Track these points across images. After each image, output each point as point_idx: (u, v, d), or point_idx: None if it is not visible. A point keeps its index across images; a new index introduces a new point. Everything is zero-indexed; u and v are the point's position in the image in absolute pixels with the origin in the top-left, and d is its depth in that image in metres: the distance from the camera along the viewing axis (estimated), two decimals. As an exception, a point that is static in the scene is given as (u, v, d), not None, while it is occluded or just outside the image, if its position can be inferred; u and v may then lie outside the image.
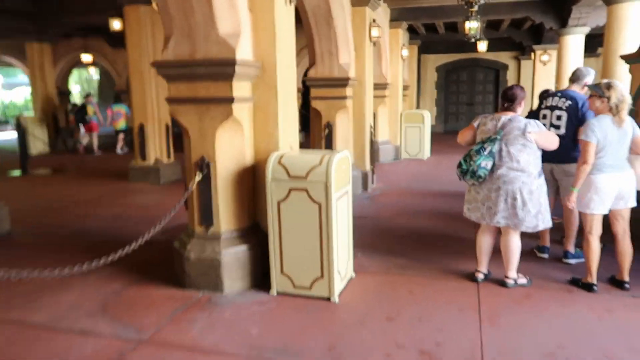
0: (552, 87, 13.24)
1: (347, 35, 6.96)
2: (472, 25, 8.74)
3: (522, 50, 16.60)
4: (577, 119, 4.09)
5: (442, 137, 15.71)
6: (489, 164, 3.57)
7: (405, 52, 11.02)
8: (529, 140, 3.50)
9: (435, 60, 17.78)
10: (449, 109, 18.21)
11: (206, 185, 3.81)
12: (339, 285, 3.69)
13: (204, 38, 3.62)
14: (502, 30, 13.06)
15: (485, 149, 3.57)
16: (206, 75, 3.65)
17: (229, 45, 3.58)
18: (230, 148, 3.83)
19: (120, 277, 4.10)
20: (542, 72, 13.21)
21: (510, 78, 17.25)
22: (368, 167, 7.70)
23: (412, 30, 13.70)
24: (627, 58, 5.47)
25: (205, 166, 3.77)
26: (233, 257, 3.80)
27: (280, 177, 3.59)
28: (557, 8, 9.50)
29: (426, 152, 10.97)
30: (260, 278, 3.90)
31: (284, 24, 3.97)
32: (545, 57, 13.01)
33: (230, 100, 3.65)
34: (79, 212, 6.58)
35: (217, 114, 3.71)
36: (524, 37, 13.32)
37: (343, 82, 7.03)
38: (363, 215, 6.09)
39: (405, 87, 13.46)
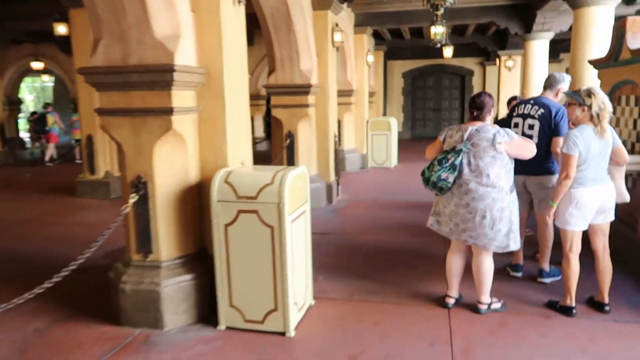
0: (518, 93, 13.25)
1: (308, 40, 6.60)
2: (438, 30, 8.52)
3: (487, 56, 16.64)
4: (550, 128, 3.83)
5: (410, 143, 15.54)
6: (451, 177, 3.25)
7: (370, 58, 10.76)
8: (499, 152, 3.20)
9: (402, 66, 17.66)
10: (416, 115, 18.11)
11: (144, 207, 3.35)
12: (295, 317, 3.29)
13: (138, 41, 3.19)
14: (467, 35, 12.99)
15: (447, 160, 3.26)
16: (141, 84, 3.21)
17: (166, 49, 3.16)
18: (171, 165, 3.39)
19: (46, 313, 3.59)
20: (507, 78, 13.19)
21: (476, 84, 17.27)
22: (333, 178, 7.35)
23: (377, 36, 13.49)
24: (596, 63, 5.29)
25: (142, 186, 3.32)
26: (175, 289, 3.35)
27: (227, 198, 3.17)
28: (522, 13, 9.42)
29: (393, 160, 10.70)
30: (207, 311, 3.46)
31: (232, 26, 3.57)
32: (510, 63, 12.99)
33: (169, 111, 3.22)
34: (16, 233, 5.97)
35: (155, 127, 3.27)
36: (489, 43, 13.29)
37: (305, 89, 6.66)
38: (326, 231, 5.72)
39: (371, 94, 13.21)
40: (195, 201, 3.53)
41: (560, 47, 15.46)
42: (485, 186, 3.21)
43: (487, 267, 3.40)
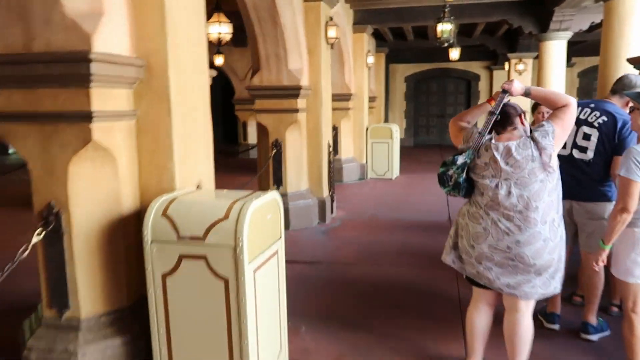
0: (527, 100, 12.38)
1: (297, 36, 5.74)
2: (445, 28, 7.65)
3: (495, 60, 15.77)
4: (612, 142, 2.91)
5: (412, 151, 14.65)
6: (461, 193, 2.54)
7: (371, 60, 9.90)
8: (551, 169, 2.33)
9: (404, 70, 16.81)
10: (419, 121, 17.23)
11: (56, 246, 2.47)
12: (260, 399, 2.39)
13: (45, 20, 2.31)
14: (475, 37, 12.13)
15: (449, 178, 2.51)
16: (50, 78, 2.33)
17: (81, 31, 2.28)
18: (94, 190, 2.50)
19: None
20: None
21: (483, 89, 16.40)
22: (326, 193, 6.45)
23: (379, 37, 12.64)
24: (637, 62, 4.42)
25: (52, 217, 2.44)
26: (99, 358, 2.46)
27: (166, 237, 2.29)
28: (537, 10, 8.57)
29: (395, 171, 9.81)
30: (144, 386, 2.57)
31: (183, 4, 2.70)
32: (520, 67, 12.13)
33: (86, 116, 2.34)
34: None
35: (70, 139, 2.39)
36: (498, 45, 12.44)
37: (293, 91, 5.79)
38: (315, 260, 4.82)
39: (372, 99, 12.34)
40: (130, 238, 2.64)
41: (573, 50, 14.61)
42: (535, 224, 2.32)
43: (526, 327, 2.50)
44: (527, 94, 2.46)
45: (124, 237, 2.60)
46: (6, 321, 3.23)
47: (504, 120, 2.41)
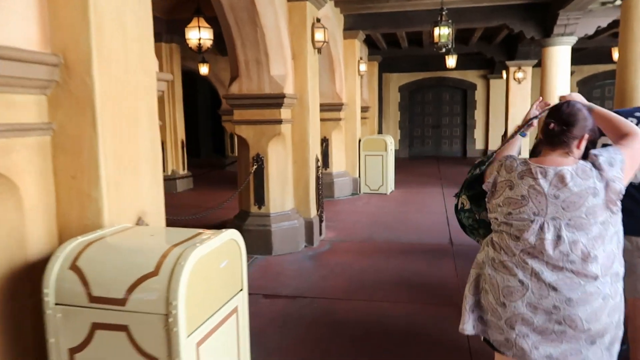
0: (527, 108, 11.86)
1: (280, 39, 5.15)
2: (443, 32, 7.11)
3: (492, 68, 15.29)
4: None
5: (407, 164, 14.07)
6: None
7: (363, 67, 9.34)
8: (616, 208, 1.73)
9: (398, 79, 16.30)
10: (414, 132, 16.68)
11: None
12: None
13: None
14: (471, 44, 11.62)
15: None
16: None
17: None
18: (-14, 229, 1.86)
19: None
20: (517, 91, 11.80)
21: (479, 98, 15.90)
22: (314, 213, 5.82)
23: (371, 45, 12.11)
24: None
25: None
26: None
27: (73, 299, 1.65)
28: (540, 14, 8.05)
29: (390, 185, 9.20)
30: None
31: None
32: (519, 75, 11.61)
33: (-31, 131, 1.71)
34: None
35: (-52, 161, 1.75)
36: (496, 52, 11.93)
37: (276, 100, 5.19)
38: (299, 293, 4.17)
39: (365, 109, 11.77)
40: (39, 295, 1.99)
41: (572, 58, 14.14)
42: (593, 278, 1.70)
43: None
44: (589, 111, 1.86)
45: (32, 295, 1.94)
46: None
47: (559, 133, 1.79)
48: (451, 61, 10.82)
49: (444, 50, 7.31)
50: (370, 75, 12.66)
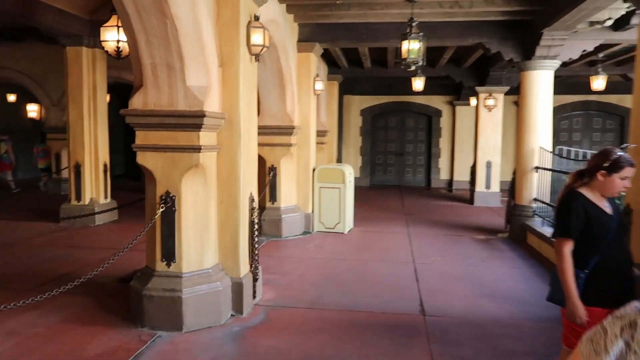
0: (499, 137, 10.92)
1: (201, 37, 3.80)
2: (413, 47, 5.96)
3: (458, 95, 14.45)
4: None
5: (369, 193, 12.87)
6: None
7: (319, 86, 8.10)
8: None
9: (360, 102, 15.22)
10: (376, 159, 15.57)
11: None
12: None
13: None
14: (439, 66, 10.64)
15: None
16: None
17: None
18: None
19: None
20: (487, 119, 10.86)
21: (445, 125, 14.99)
22: (245, 270, 4.40)
23: (331, 63, 10.95)
24: None
25: None
26: None
27: None
28: (521, 33, 7.07)
29: (348, 222, 7.91)
30: None
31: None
32: (490, 102, 10.69)
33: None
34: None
35: None
36: (465, 77, 11.00)
37: (194, 119, 3.81)
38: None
39: (322, 133, 10.52)
40: None
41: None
42: None
43: None
44: None
45: None
46: None
47: None
48: (418, 83, 9.78)
49: (413, 67, 6.16)
50: (329, 95, 11.48)
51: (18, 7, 6.91)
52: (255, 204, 4.54)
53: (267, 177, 7.43)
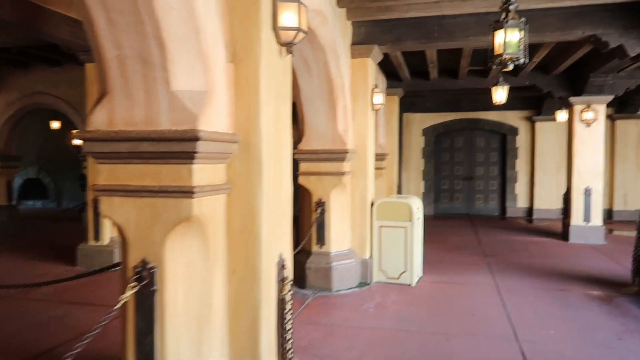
0: (600, 158, 8.87)
1: (192, 12, 2.35)
2: (512, 38, 4.30)
3: (538, 109, 12.44)
4: None
5: (435, 225, 11.04)
6: None
7: (378, 99, 6.53)
8: None
9: (422, 120, 13.50)
10: (441, 184, 13.72)
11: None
12: None
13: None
14: (523, 74, 8.83)
15: None
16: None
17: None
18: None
19: None
20: (585, 136, 8.83)
21: (522, 145, 12.96)
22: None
23: (390, 74, 9.39)
24: None
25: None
26: None
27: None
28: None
29: (416, 271, 6.20)
30: None
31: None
32: (589, 115, 8.68)
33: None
34: None
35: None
36: (555, 86, 9.08)
37: (182, 144, 2.34)
38: None
39: (380, 156, 8.92)
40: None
41: (642, 97, 11.25)
42: None
43: None
44: None
45: None
46: None
47: None
48: (500, 94, 7.98)
49: (511, 66, 4.46)
50: (389, 113, 9.88)
51: (27, 18, 5.95)
52: (288, 272, 2.99)
53: (314, 213, 5.90)
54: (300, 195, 6.20)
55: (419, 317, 4.92)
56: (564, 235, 9.25)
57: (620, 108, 12.09)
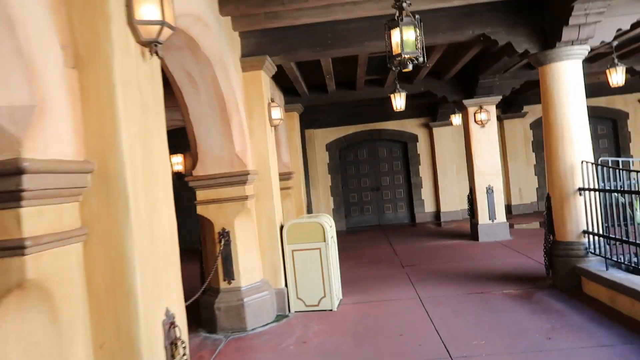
0: (497, 157, 9.14)
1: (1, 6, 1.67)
2: (409, 37, 4.06)
3: (434, 115, 12.80)
4: None
5: (349, 241, 10.77)
6: None
7: (277, 113, 6.07)
8: None
9: (325, 135, 13.33)
10: (350, 198, 13.58)
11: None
12: None
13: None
14: (418, 79, 8.89)
15: None
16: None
17: None
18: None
19: None
20: (481, 137, 9.07)
21: (423, 151, 13.24)
22: None
23: (288, 90, 9.03)
24: None
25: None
26: None
27: None
28: (538, 15, 5.35)
29: (335, 294, 5.75)
30: None
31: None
32: (482, 116, 8.93)
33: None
34: None
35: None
36: (448, 90, 9.26)
37: (3, 190, 1.63)
38: None
39: (286, 176, 8.47)
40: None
41: (523, 96, 12.00)
42: None
43: None
44: None
45: None
46: None
47: None
48: (399, 101, 7.90)
49: (410, 67, 4.21)
50: (290, 130, 9.48)
51: None
52: (181, 330, 2.35)
53: (218, 246, 5.24)
54: (201, 226, 5.52)
55: (345, 348, 4.44)
56: (473, 235, 9.39)
57: (506, 109, 12.80)
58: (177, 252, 2.51)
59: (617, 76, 7.41)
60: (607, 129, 13.17)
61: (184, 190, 6.26)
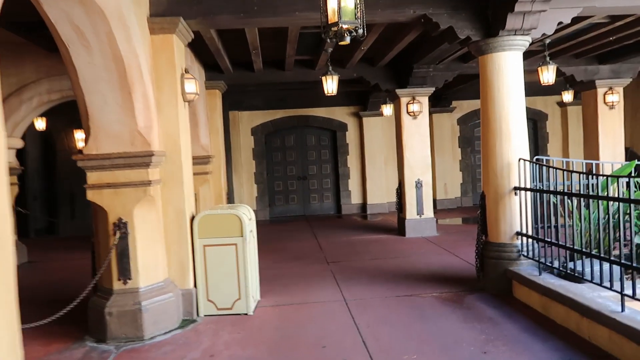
0: (428, 151, 8.89)
1: None
2: (348, 4, 3.48)
3: (364, 105, 12.43)
4: None
5: (271, 232, 10.15)
6: None
7: (191, 87, 5.22)
8: None
9: (250, 119, 12.54)
10: (275, 186, 12.94)
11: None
12: None
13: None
14: (351, 65, 8.38)
15: None
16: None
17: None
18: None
19: None
20: (412, 129, 8.73)
21: (352, 141, 12.87)
22: None
23: (211, 67, 8.16)
24: None
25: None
26: None
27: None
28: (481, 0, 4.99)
29: (252, 295, 5.10)
30: None
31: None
32: (414, 107, 8.60)
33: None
34: None
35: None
36: (382, 78, 8.83)
37: None
38: None
39: (203, 159, 7.64)
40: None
41: (451, 91, 11.93)
42: None
43: None
44: None
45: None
46: None
47: None
48: (330, 84, 7.33)
49: (348, 39, 3.62)
50: (211, 109, 8.60)
51: None
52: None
53: (112, 238, 4.39)
54: (93, 214, 4.63)
55: (261, 357, 3.82)
56: (400, 230, 9.11)
57: (435, 103, 12.70)
58: (11, 255, 1.73)
59: (548, 74, 7.33)
60: (528, 129, 13.49)
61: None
